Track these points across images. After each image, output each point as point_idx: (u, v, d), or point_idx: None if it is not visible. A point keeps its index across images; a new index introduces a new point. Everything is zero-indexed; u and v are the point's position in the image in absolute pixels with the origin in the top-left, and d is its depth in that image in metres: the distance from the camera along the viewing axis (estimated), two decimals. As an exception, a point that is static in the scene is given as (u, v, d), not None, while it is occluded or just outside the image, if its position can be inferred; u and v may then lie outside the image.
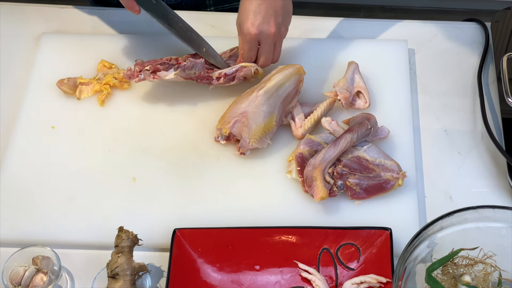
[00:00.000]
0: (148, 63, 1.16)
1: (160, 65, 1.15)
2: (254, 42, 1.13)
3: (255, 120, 1.11)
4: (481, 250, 0.97)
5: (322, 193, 1.05)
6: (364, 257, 1.02)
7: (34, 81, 1.24)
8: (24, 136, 1.18)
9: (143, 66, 1.15)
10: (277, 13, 1.11)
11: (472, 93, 1.22)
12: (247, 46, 1.14)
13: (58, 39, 1.29)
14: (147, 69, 1.15)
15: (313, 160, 1.08)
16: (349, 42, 1.27)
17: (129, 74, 1.16)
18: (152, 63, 1.16)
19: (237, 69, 1.17)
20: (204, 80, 1.17)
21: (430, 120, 1.19)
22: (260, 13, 1.10)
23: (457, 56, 1.27)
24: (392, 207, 1.08)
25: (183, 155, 1.15)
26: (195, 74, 1.16)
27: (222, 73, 1.16)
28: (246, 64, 1.17)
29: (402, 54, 1.25)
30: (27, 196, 1.11)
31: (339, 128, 1.12)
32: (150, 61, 1.17)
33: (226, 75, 1.16)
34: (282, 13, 1.12)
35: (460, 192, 1.11)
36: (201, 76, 1.16)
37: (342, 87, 1.16)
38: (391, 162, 1.10)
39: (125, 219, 1.08)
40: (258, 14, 1.10)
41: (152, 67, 1.15)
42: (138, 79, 1.15)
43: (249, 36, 1.12)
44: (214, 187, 1.11)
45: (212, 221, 1.07)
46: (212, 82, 1.17)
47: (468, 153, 1.15)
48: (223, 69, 1.17)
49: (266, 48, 1.14)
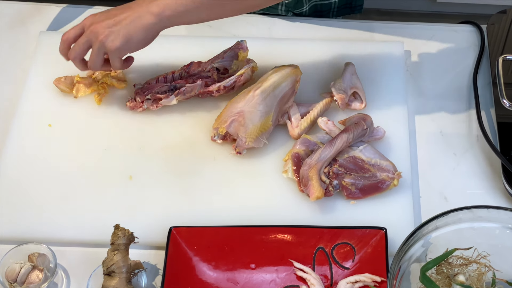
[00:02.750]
0: (148, 90, 1.17)
1: (160, 92, 1.16)
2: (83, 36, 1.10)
3: (252, 120, 1.12)
4: (475, 250, 0.97)
5: (318, 192, 1.06)
6: (359, 256, 1.03)
7: (31, 79, 1.24)
8: (21, 134, 1.18)
9: (144, 96, 1.16)
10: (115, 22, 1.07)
11: (467, 95, 1.23)
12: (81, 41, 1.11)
13: (56, 37, 1.29)
14: (149, 98, 1.16)
15: (309, 160, 1.08)
16: (346, 43, 1.28)
17: (132, 106, 1.18)
18: (151, 89, 1.17)
19: (234, 80, 1.17)
20: (206, 95, 1.18)
21: (425, 121, 1.20)
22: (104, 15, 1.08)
23: (453, 58, 1.28)
24: (387, 207, 1.09)
25: (179, 154, 1.15)
26: (195, 94, 1.17)
27: (221, 87, 1.17)
28: (242, 71, 1.17)
29: (398, 56, 1.26)
30: (23, 194, 1.11)
31: (335, 128, 1.13)
32: (149, 87, 1.17)
33: (225, 87, 1.17)
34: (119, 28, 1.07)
35: (455, 193, 1.12)
36: (201, 93, 1.17)
37: (338, 88, 1.17)
38: (386, 162, 1.11)
39: (121, 217, 1.08)
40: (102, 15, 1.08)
41: (153, 96, 1.16)
42: (142, 109, 1.17)
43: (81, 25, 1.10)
44: (210, 186, 1.12)
45: (208, 219, 1.08)
46: (213, 95, 1.18)
47: (463, 154, 1.16)
48: (221, 83, 1.17)
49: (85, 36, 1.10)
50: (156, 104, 1.17)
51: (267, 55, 1.25)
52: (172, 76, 1.19)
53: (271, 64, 1.21)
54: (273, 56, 1.25)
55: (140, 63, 1.22)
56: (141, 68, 1.24)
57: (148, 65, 1.25)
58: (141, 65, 1.23)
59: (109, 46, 1.07)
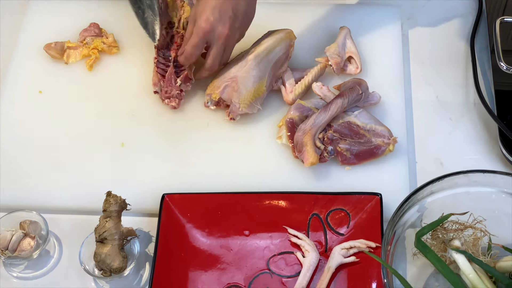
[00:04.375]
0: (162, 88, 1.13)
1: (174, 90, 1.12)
2: (203, 39, 1.06)
3: (245, 85, 1.10)
4: (471, 215, 0.96)
5: (312, 158, 1.05)
6: (354, 222, 1.02)
7: (21, 45, 1.22)
8: (10, 101, 1.16)
9: (166, 94, 1.13)
10: (236, 16, 1.05)
11: (465, 59, 1.21)
12: (194, 41, 1.07)
13: (46, 2, 1.27)
14: (173, 97, 1.12)
15: (304, 126, 1.07)
16: (341, 7, 1.26)
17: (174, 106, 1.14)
18: (163, 87, 1.13)
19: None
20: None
21: (422, 86, 1.18)
22: (219, 10, 1.03)
23: (450, 22, 1.25)
24: (383, 172, 1.08)
25: (172, 120, 1.13)
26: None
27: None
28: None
29: (394, 20, 1.23)
30: (14, 161, 1.10)
31: (329, 93, 1.11)
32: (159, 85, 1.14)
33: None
34: (242, 18, 1.06)
35: (451, 158, 1.11)
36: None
37: (333, 53, 1.15)
38: (382, 127, 1.09)
39: (113, 184, 1.07)
40: (216, 10, 1.03)
41: (167, 94, 1.13)
42: (177, 103, 1.13)
43: (201, 31, 1.05)
44: (203, 153, 1.10)
45: (201, 186, 1.06)
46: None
47: (459, 119, 1.14)
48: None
49: (215, 50, 1.07)
50: (179, 97, 1.13)
51: (260, 20, 1.21)
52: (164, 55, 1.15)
53: (264, 28, 1.19)
54: (266, 21, 1.22)
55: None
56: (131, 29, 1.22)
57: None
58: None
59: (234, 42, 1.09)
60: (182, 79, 1.12)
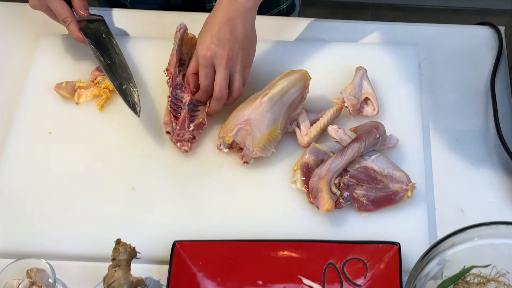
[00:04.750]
0: (174, 129, 1.11)
1: (187, 134, 1.10)
2: (210, 67, 1.07)
3: (259, 128, 1.07)
4: (493, 267, 0.93)
5: (328, 205, 1.01)
6: (371, 273, 0.98)
7: (31, 84, 1.20)
8: (20, 142, 1.14)
9: (179, 137, 1.10)
10: (235, 38, 1.06)
11: (484, 100, 1.18)
12: (202, 72, 1.08)
13: (57, 40, 1.25)
14: (185, 141, 1.10)
15: (319, 170, 1.04)
16: (357, 45, 1.23)
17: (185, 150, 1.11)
18: (175, 130, 1.10)
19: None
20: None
21: (440, 128, 1.15)
22: (217, 37, 1.05)
23: (470, 61, 1.22)
24: (401, 219, 1.04)
25: (184, 163, 1.11)
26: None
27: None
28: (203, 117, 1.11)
29: (412, 59, 1.20)
30: (22, 205, 1.07)
31: (346, 136, 1.08)
32: (171, 126, 1.11)
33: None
34: (242, 39, 1.07)
35: (471, 204, 1.07)
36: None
37: (349, 94, 1.12)
38: (400, 173, 1.06)
39: (123, 230, 1.04)
40: (214, 38, 1.05)
41: (179, 138, 1.10)
42: (189, 147, 1.11)
43: (204, 59, 1.06)
44: (215, 197, 1.07)
45: (214, 233, 1.03)
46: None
47: (480, 163, 1.11)
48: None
49: (219, 75, 1.07)
50: (192, 140, 1.11)
51: (274, 58, 1.21)
52: (176, 101, 1.13)
53: (278, 67, 1.17)
54: (281, 59, 1.20)
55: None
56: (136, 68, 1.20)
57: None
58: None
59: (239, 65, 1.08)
60: (196, 125, 1.10)
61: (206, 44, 1.06)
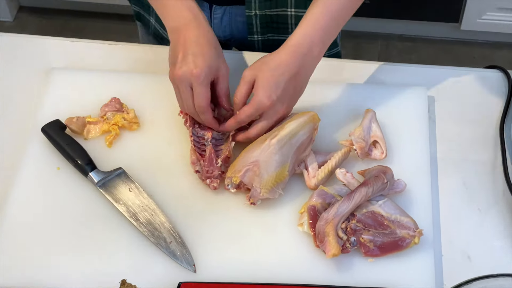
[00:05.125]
0: (202, 167, 1.11)
1: (209, 164, 1.10)
2: (258, 113, 1.08)
3: (267, 170, 1.07)
4: (500, 319, 0.92)
5: (335, 249, 1.01)
6: (376, 321, 0.98)
7: (41, 118, 1.20)
8: (28, 176, 1.14)
9: (208, 174, 1.10)
10: (295, 96, 1.09)
11: (493, 145, 1.17)
12: (250, 111, 1.07)
13: (68, 74, 1.26)
14: (214, 177, 1.10)
15: (326, 215, 1.04)
16: (366, 87, 1.23)
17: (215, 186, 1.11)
18: (204, 167, 1.10)
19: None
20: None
21: (449, 172, 1.15)
22: (282, 89, 1.05)
23: (479, 105, 1.22)
24: (408, 265, 1.04)
25: (190, 203, 1.11)
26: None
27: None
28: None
29: (421, 102, 1.21)
30: (24, 242, 1.07)
31: (353, 180, 1.08)
32: (199, 164, 1.11)
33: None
34: (298, 97, 1.10)
35: (478, 251, 1.06)
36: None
37: (358, 137, 1.12)
38: (407, 218, 1.05)
39: (128, 270, 1.04)
40: (279, 90, 1.05)
41: (208, 175, 1.10)
42: (218, 184, 1.10)
43: (261, 106, 1.06)
44: (222, 239, 1.07)
45: (219, 275, 1.03)
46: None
47: (488, 209, 1.10)
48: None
49: (265, 125, 1.09)
50: (221, 175, 1.11)
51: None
52: (198, 135, 1.14)
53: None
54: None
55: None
56: (152, 109, 1.21)
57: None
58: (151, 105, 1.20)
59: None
60: (222, 160, 1.10)
61: (269, 93, 1.05)
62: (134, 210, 1.09)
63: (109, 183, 1.11)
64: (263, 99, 1.05)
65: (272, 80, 1.05)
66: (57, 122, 1.18)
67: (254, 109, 1.07)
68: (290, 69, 1.06)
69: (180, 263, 1.04)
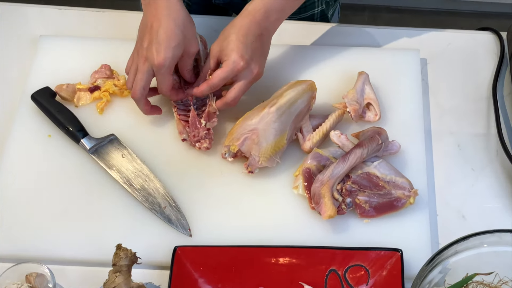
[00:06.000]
0: (188, 134, 1.10)
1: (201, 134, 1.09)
2: (233, 74, 1.06)
3: (266, 138, 1.06)
4: (496, 275, 0.92)
5: (330, 211, 1.01)
6: (373, 280, 0.98)
7: (31, 86, 1.19)
8: (19, 144, 1.13)
9: (195, 138, 1.09)
10: (265, 56, 1.10)
11: (486, 106, 1.17)
12: (224, 74, 1.06)
13: (57, 42, 1.24)
14: (202, 138, 1.09)
15: (321, 176, 1.03)
16: (358, 50, 1.23)
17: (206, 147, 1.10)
18: (189, 133, 1.09)
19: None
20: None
21: (442, 134, 1.15)
22: (251, 49, 1.05)
23: (471, 67, 1.22)
24: (403, 226, 1.04)
25: (185, 169, 1.10)
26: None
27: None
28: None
29: (414, 64, 1.20)
30: (20, 209, 1.06)
31: (348, 142, 1.08)
32: (185, 132, 1.10)
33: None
34: (266, 57, 1.10)
35: (473, 211, 1.07)
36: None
37: (351, 99, 1.12)
38: (402, 179, 1.05)
39: (123, 234, 1.03)
40: (249, 49, 1.05)
41: (195, 138, 1.09)
42: (209, 143, 1.10)
43: (236, 67, 1.05)
44: (217, 203, 1.06)
45: (215, 239, 1.03)
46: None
47: (482, 169, 1.11)
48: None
49: (243, 86, 1.07)
50: (209, 140, 1.09)
51: (276, 62, 1.20)
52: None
53: (280, 71, 1.16)
54: (282, 63, 1.20)
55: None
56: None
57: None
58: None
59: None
60: (205, 118, 1.09)
61: (241, 53, 1.04)
62: (127, 176, 1.08)
63: (102, 150, 1.10)
64: (236, 59, 1.04)
65: (239, 42, 1.05)
66: (47, 89, 1.16)
67: (228, 70, 1.05)
68: (252, 31, 1.06)
69: (175, 227, 1.04)
